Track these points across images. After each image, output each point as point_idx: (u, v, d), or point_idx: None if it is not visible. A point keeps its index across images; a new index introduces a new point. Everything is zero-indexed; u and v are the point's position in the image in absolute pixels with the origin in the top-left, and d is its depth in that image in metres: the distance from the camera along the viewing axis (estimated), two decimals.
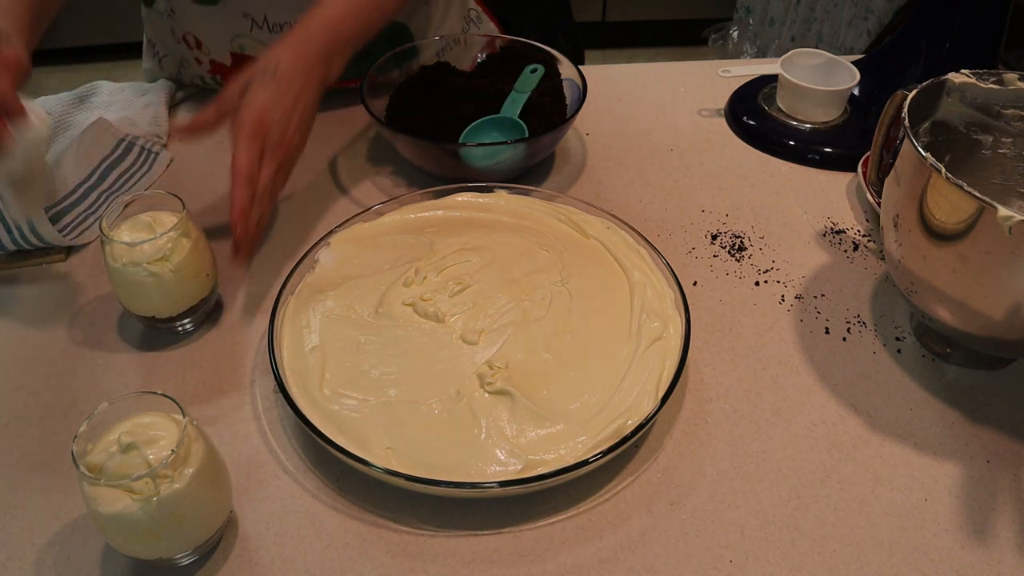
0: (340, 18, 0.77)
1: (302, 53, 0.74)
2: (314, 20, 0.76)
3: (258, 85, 0.72)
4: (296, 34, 0.75)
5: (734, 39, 2.49)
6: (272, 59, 0.73)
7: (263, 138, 0.70)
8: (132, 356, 0.70)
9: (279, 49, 0.74)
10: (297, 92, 0.73)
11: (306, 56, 0.74)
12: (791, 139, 0.96)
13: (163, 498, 0.49)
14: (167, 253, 0.66)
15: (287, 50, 0.74)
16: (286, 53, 0.73)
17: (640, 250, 0.75)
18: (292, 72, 0.73)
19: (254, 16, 0.91)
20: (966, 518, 0.59)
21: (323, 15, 0.76)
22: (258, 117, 0.70)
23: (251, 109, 0.70)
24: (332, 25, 0.76)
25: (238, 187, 0.68)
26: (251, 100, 0.71)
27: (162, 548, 0.52)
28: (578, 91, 0.91)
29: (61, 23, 2.69)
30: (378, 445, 0.59)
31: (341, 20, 0.77)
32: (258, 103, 0.71)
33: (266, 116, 0.70)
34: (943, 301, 0.62)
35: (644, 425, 0.59)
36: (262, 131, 0.70)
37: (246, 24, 0.92)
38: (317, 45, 0.75)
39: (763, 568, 0.56)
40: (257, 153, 0.69)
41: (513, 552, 0.57)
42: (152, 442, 0.51)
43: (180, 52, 1.00)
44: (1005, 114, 0.69)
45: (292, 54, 0.73)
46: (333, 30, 0.76)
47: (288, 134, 0.72)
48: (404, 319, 0.69)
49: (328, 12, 0.76)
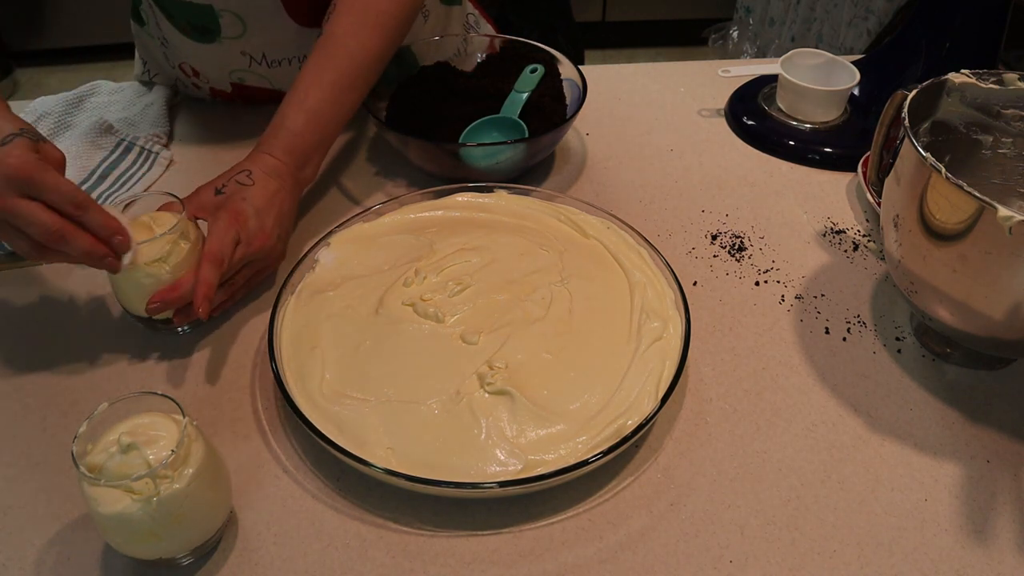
0: (304, 126, 0.76)
1: (272, 166, 0.74)
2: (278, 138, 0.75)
3: (233, 184, 0.72)
4: (263, 153, 0.75)
5: (734, 39, 2.49)
6: (241, 168, 0.74)
7: (239, 227, 0.69)
8: (132, 356, 0.70)
9: (246, 163, 0.74)
10: (273, 191, 0.73)
11: (276, 168, 0.74)
12: (791, 139, 0.96)
13: (163, 498, 0.49)
14: (165, 255, 0.66)
15: (253, 164, 0.74)
16: (255, 166, 0.74)
17: (640, 250, 0.75)
18: (266, 177, 0.73)
19: (252, 54, 0.90)
20: (966, 518, 0.59)
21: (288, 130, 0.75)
22: (235, 207, 0.70)
23: (228, 200, 0.70)
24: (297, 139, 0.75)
25: (205, 266, 0.65)
26: (228, 194, 0.71)
27: (162, 548, 0.52)
28: (578, 91, 0.91)
29: (61, 23, 2.70)
30: (378, 445, 0.59)
31: (305, 127, 0.76)
32: (235, 196, 0.71)
33: (243, 206, 0.70)
34: (943, 301, 0.62)
35: (644, 425, 0.59)
36: (239, 220, 0.69)
37: (244, 60, 0.92)
38: (286, 160, 0.75)
39: (763, 568, 0.56)
40: (231, 239, 0.67)
41: (513, 552, 0.57)
42: (152, 442, 0.51)
43: (175, 75, 0.99)
44: (1005, 114, 0.69)
45: (263, 167, 0.74)
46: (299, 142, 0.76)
47: (267, 227, 0.71)
48: (404, 319, 0.69)
49: (291, 126, 0.76)
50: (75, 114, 0.95)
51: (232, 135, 0.96)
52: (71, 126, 0.93)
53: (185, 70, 0.96)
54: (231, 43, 0.89)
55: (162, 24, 0.91)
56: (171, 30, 0.90)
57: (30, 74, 2.78)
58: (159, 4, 0.88)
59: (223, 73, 0.94)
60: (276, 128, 0.76)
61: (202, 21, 0.87)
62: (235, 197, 0.71)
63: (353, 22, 0.78)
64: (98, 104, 0.97)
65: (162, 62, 0.99)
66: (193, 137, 0.97)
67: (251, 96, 0.98)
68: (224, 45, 0.89)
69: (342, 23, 0.78)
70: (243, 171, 0.73)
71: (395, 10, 0.80)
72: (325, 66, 0.77)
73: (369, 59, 0.79)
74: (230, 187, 0.72)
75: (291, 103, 0.76)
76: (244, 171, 0.73)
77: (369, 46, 0.78)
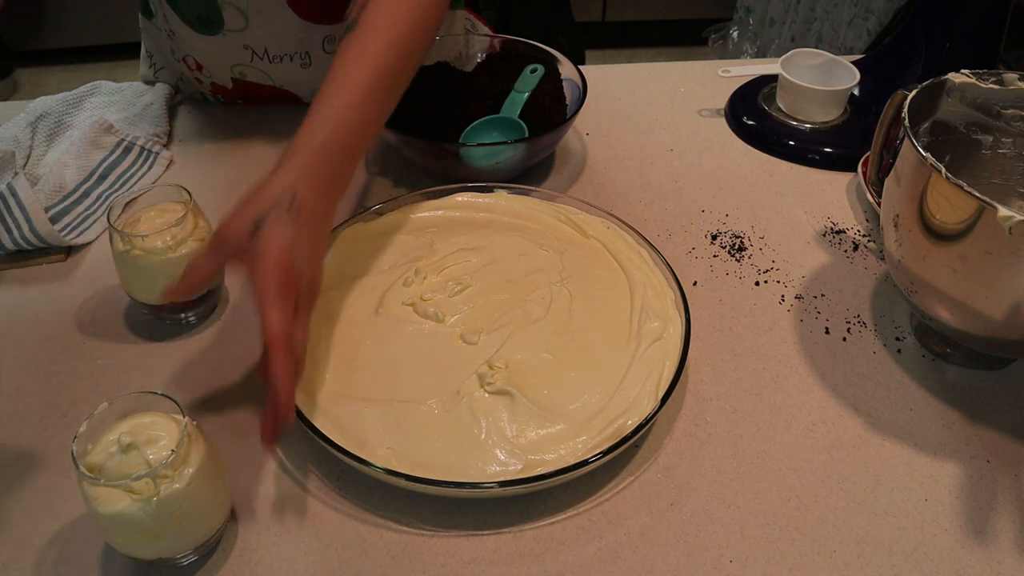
0: (346, 126, 0.65)
1: (316, 177, 0.61)
2: (318, 133, 0.63)
3: (275, 221, 0.57)
4: (301, 153, 0.62)
5: (734, 39, 2.49)
6: (285, 187, 0.59)
7: (295, 288, 0.57)
8: (133, 356, 0.70)
9: (288, 175, 0.60)
10: (319, 225, 0.61)
11: (321, 180, 0.62)
12: (791, 139, 0.96)
13: (163, 498, 0.49)
14: (172, 243, 0.67)
15: (299, 176, 0.60)
16: (301, 180, 0.60)
17: (640, 250, 0.75)
18: (312, 201, 0.60)
19: (254, 48, 0.89)
20: (966, 518, 0.59)
21: (331, 123, 0.64)
22: (285, 265, 0.56)
23: (274, 255, 0.56)
24: (339, 137, 0.64)
25: (279, 358, 0.54)
26: (270, 242, 0.57)
27: (162, 548, 0.52)
28: (578, 91, 0.91)
29: (61, 23, 2.70)
30: (378, 445, 0.59)
31: (346, 128, 0.65)
32: (281, 246, 0.57)
33: (294, 261, 0.57)
34: (943, 301, 0.62)
35: (644, 425, 0.59)
36: (293, 280, 0.57)
37: (246, 54, 0.92)
38: (328, 162, 0.63)
39: (763, 568, 0.56)
40: (291, 309, 0.56)
41: (513, 552, 0.57)
42: (152, 442, 0.51)
43: (179, 69, 1.00)
44: (1005, 114, 0.69)
45: (307, 180, 0.60)
46: (339, 143, 0.64)
47: (320, 277, 0.61)
48: (404, 319, 0.69)
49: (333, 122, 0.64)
50: (75, 114, 0.95)
51: (232, 135, 0.96)
52: (71, 126, 0.93)
53: (188, 63, 0.96)
54: (234, 36, 0.90)
55: (169, 16, 0.91)
56: (177, 21, 0.91)
57: (30, 74, 2.78)
58: None
59: (225, 67, 0.95)
60: (316, 125, 0.64)
61: (206, 13, 0.88)
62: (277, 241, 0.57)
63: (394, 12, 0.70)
64: (98, 104, 0.97)
65: (168, 55, 1.00)
66: (193, 137, 0.97)
67: (251, 93, 0.98)
68: (227, 37, 0.90)
69: (382, 14, 0.70)
70: (285, 195, 0.59)
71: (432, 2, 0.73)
72: (368, 56, 0.67)
73: (414, 50, 0.71)
74: (271, 221, 0.57)
75: (333, 96, 0.65)
76: (286, 196, 0.59)
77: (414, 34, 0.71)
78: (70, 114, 0.95)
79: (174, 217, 0.68)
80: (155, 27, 0.99)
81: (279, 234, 0.57)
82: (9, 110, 0.98)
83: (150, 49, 1.03)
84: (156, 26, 0.98)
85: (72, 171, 0.85)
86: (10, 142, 0.88)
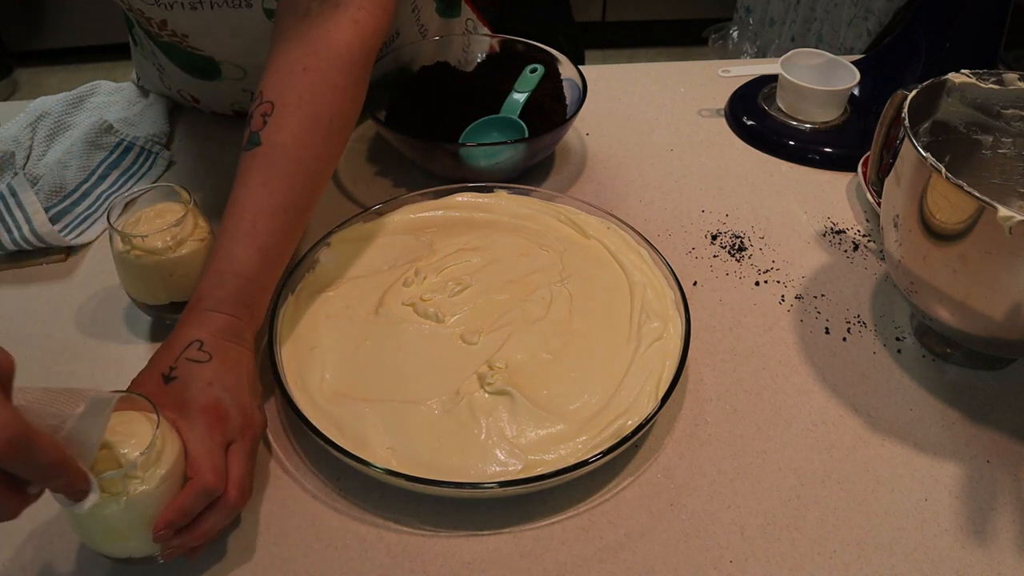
0: (258, 268, 0.61)
1: (224, 326, 0.59)
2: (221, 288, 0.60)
3: (184, 365, 0.56)
4: (205, 303, 0.59)
5: (734, 39, 2.49)
6: (190, 338, 0.57)
7: (223, 427, 0.54)
8: (132, 356, 0.70)
9: (192, 330, 0.58)
10: (235, 360, 0.58)
11: (230, 327, 0.59)
12: (791, 139, 0.96)
13: (132, 498, 0.49)
14: (172, 244, 0.66)
15: (201, 329, 0.58)
16: (204, 332, 0.58)
17: (640, 250, 0.75)
18: (222, 344, 0.58)
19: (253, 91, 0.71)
20: (966, 518, 0.59)
21: (231, 277, 0.60)
22: (206, 402, 0.54)
23: (188, 392, 0.54)
24: (251, 285, 0.61)
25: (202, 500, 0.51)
26: (187, 383, 0.55)
27: (131, 548, 0.51)
28: (578, 91, 0.91)
29: (61, 23, 2.70)
30: (378, 445, 0.59)
31: (260, 269, 0.61)
32: (195, 382, 0.55)
33: (214, 396, 0.55)
34: (943, 301, 0.62)
35: (644, 425, 0.59)
36: (220, 419, 0.54)
37: (246, 96, 0.90)
38: (233, 310, 0.60)
39: (763, 568, 0.56)
40: (221, 446, 0.54)
41: (513, 552, 0.57)
42: (125, 441, 0.50)
43: (175, 98, 0.98)
44: (1005, 114, 0.69)
45: (211, 331, 0.58)
46: (253, 288, 0.61)
47: (247, 407, 0.57)
48: (404, 319, 0.69)
49: (241, 269, 0.60)
50: (75, 114, 0.95)
51: (232, 135, 0.96)
52: (71, 126, 0.93)
53: (184, 96, 0.95)
54: (232, 82, 0.89)
55: (159, 57, 0.89)
56: (169, 64, 0.89)
57: (30, 74, 2.78)
58: (157, 44, 0.86)
59: (224, 103, 0.94)
60: (221, 273, 0.60)
61: (203, 66, 0.86)
62: (196, 384, 0.55)
63: (304, 129, 0.64)
64: (98, 104, 0.97)
65: (158, 84, 0.97)
66: (193, 137, 0.97)
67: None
68: (225, 83, 0.89)
69: (289, 130, 0.63)
70: (192, 342, 0.57)
71: (349, 110, 0.67)
72: (275, 187, 0.62)
73: (325, 172, 0.66)
74: (181, 369, 0.55)
75: (237, 238, 0.61)
76: (193, 342, 0.57)
77: (325, 156, 0.65)
78: (70, 114, 0.95)
79: (174, 217, 0.67)
80: (141, 55, 0.94)
81: (188, 373, 0.55)
82: (9, 110, 0.98)
83: (139, 72, 1.01)
84: (142, 55, 0.93)
85: (72, 171, 0.85)
86: (10, 142, 0.88)
